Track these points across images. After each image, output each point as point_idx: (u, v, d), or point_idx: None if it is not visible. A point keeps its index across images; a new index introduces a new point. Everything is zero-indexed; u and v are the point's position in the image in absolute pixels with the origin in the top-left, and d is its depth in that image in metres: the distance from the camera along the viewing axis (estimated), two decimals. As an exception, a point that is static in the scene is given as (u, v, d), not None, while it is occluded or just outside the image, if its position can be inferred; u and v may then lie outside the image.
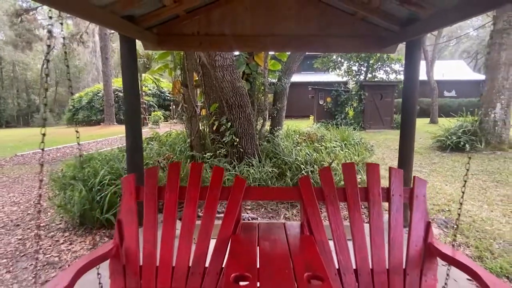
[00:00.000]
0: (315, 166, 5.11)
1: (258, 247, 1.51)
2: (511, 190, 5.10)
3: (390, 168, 1.73)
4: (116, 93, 24.03)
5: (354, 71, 16.42)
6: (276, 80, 7.89)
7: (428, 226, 1.61)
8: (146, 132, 14.91)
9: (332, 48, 4.22)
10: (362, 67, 16.27)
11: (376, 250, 1.60)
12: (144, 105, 20.57)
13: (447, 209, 4.28)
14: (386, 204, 1.72)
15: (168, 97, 26.35)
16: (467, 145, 7.81)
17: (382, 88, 14.50)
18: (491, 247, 3.18)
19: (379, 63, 15.93)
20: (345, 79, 17.41)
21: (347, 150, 6.26)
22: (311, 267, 1.29)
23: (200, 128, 6.49)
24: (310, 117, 17.67)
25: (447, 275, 1.62)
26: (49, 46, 1.66)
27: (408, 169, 3.48)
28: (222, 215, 1.68)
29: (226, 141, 5.73)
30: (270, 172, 5.05)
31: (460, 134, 8.05)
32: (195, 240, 1.63)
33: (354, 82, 16.12)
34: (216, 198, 1.68)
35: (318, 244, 1.56)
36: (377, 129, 13.90)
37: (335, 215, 1.66)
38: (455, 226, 1.91)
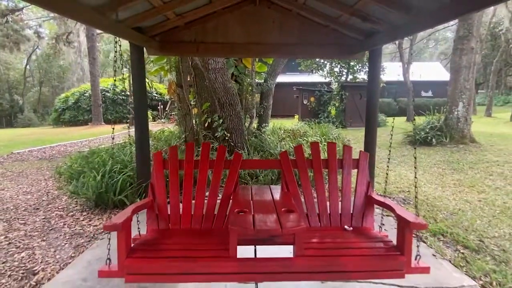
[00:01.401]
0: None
1: (251, 200, 2.19)
2: (464, 175, 5.97)
3: (344, 146, 2.44)
4: (103, 93, 24.03)
5: (336, 72, 17.32)
6: (263, 81, 8.58)
7: (368, 184, 2.33)
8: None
9: (310, 54, 4.97)
10: (343, 69, 17.19)
11: (333, 201, 2.31)
12: (132, 105, 20.86)
13: (407, 190, 5.08)
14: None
15: (156, 97, 26.55)
16: (433, 140, 8.73)
17: (361, 89, 15.43)
18: (436, 216, 3.97)
19: (360, 65, 16.89)
20: (328, 80, 18.31)
21: (325, 144, 7.01)
22: (287, 206, 1.98)
23: (194, 125, 7.11)
24: (295, 116, 18.47)
25: (382, 217, 2.34)
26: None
27: (371, 153, 4.22)
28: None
29: (218, 135, 6.37)
30: (258, 162, 5.73)
31: (428, 130, 8.98)
32: (207, 196, 2.30)
33: (336, 83, 17.02)
34: (221, 167, 2.36)
35: (293, 196, 2.25)
36: (357, 127, 14.80)
37: (305, 178, 2.36)
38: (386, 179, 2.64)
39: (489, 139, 9.91)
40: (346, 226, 2.22)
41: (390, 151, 2.68)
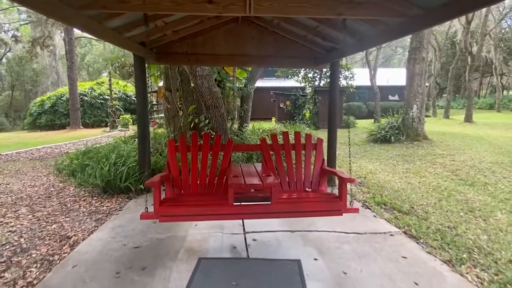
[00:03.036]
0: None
1: (241, 171, 3.09)
2: (412, 165, 7.16)
3: (306, 134, 3.40)
4: (81, 97, 23.93)
5: (309, 78, 18.58)
6: (243, 86, 9.50)
7: (323, 160, 3.29)
8: (116, 134, 15.73)
9: (283, 65, 5.95)
10: (316, 75, 18.48)
11: (298, 172, 3.25)
12: (113, 109, 21.13)
13: (364, 176, 6.16)
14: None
15: (134, 101, 26.75)
16: (392, 138, 10.00)
17: (333, 93, 16.71)
18: (382, 193, 5.02)
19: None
20: (302, 85, 19.56)
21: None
22: (266, 173, 2.90)
23: (181, 125, 7.90)
24: (272, 119, 19.52)
25: (332, 184, 3.32)
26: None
27: (332, 145, 5.24)
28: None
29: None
30: (240, 156, 6.62)
31: (387, 129, 10.25)
32: (209, 170, 3.18)
33: (310, 88, 18.27)
34: (218, 149, 3.24)
35: (270, 169, 3.17)
36: (329, 128, 16.03)
37: (278, 157, 3.29)
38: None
39: (441, 137, 11.35)
40: (307, 188, 3.17)
41: (350, 150, 3.63)
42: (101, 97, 25.09)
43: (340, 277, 2.54)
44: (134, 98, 26.76)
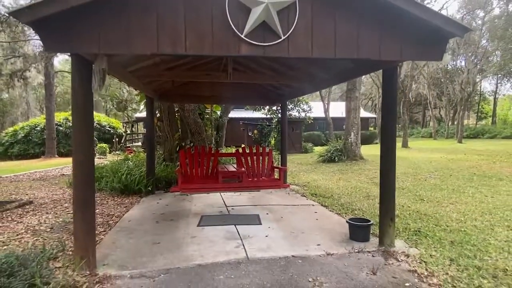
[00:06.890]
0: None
1: (225, 167, 5.33)
2: (346, 176, 9.72)
3: (263, 147, 5.74)
4: (56, 127, 24.72)
5: (274, 110, 21.44)
6: (218, 117, 11.85)
7: (272, 161, 5.63)
8: (96, 161, 17.09)
9: (249, 103, 8.43)
10: (279, 108, 21.40)
11: (258, 167, 5.54)
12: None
13: (308, 182, 8.54)
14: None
15: (108, 131, 28.01)
16: (336, 158, 12.70)
17: (293, 123, 19.62)
18: (317, 190, 7.39)
19: (292, 105, 21.28)
20: (268, 116, 22.39)
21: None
22: (239, 167, 5.19)
23: (170, 148, 9.95)
24: (242, 146, 21.97)
25: (279, 175, 5.63)
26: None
27: (284, 158, 7.62)
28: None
29: (189, 154, 9.32)
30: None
31: (333, 151, 12.98)
32: (205, 167, 5.37)
33: (275, 119, 21.08)
34: (210, 155, 5.46)
35: (242, 167, 5.42)
36: (290, 153, 18.63)
37: (246, 160, 5.58)
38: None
39: (376, 158, 14.29)
40: (263, 177, 5.45)
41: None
42: (77, 127, 25.94)
43: (279, 219, 4.79)
44: (108, 128, 28.08)
